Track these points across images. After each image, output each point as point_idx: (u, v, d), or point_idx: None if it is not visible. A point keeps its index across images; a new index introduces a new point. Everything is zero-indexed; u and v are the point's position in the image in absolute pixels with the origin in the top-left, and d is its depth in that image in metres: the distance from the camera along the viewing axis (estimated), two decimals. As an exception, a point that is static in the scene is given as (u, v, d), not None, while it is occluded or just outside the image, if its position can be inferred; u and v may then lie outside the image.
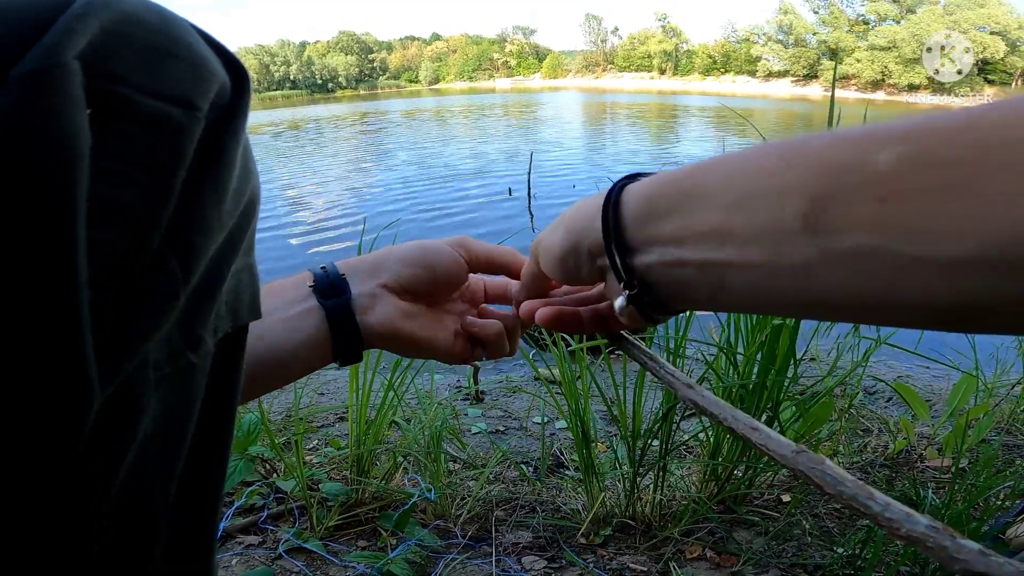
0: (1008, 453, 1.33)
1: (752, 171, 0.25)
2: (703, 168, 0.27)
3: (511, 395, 1.77)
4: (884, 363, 2.14)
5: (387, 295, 0.44)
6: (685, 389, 0.41)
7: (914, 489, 1.02)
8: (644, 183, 0.30)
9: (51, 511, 0.19)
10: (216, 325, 0.25)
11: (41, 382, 0.18)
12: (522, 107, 31.56)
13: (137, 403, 0.21)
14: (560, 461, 1.27)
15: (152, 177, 0.21)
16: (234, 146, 0.24)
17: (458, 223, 6.48)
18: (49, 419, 0.18)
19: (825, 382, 1.07)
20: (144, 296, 0.21)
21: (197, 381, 0.24)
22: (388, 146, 14.54)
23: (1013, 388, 1.57)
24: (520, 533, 0.99)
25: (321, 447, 1.33)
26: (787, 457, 0.32)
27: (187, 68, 0.23)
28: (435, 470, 1.08)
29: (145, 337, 0.21)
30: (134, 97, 0.21)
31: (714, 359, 0.95)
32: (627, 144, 14.65)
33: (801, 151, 0.23)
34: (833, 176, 0.22)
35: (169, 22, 0.23)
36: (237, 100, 0.25)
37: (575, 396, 0.93)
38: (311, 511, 1.00)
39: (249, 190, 0.26)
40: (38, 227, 0.18)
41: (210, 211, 0.23)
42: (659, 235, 0.28)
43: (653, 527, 0.97)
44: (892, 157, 0.20)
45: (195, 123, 0.22)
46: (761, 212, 0.24)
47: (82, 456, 0.19)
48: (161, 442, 0.23)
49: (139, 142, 0.21)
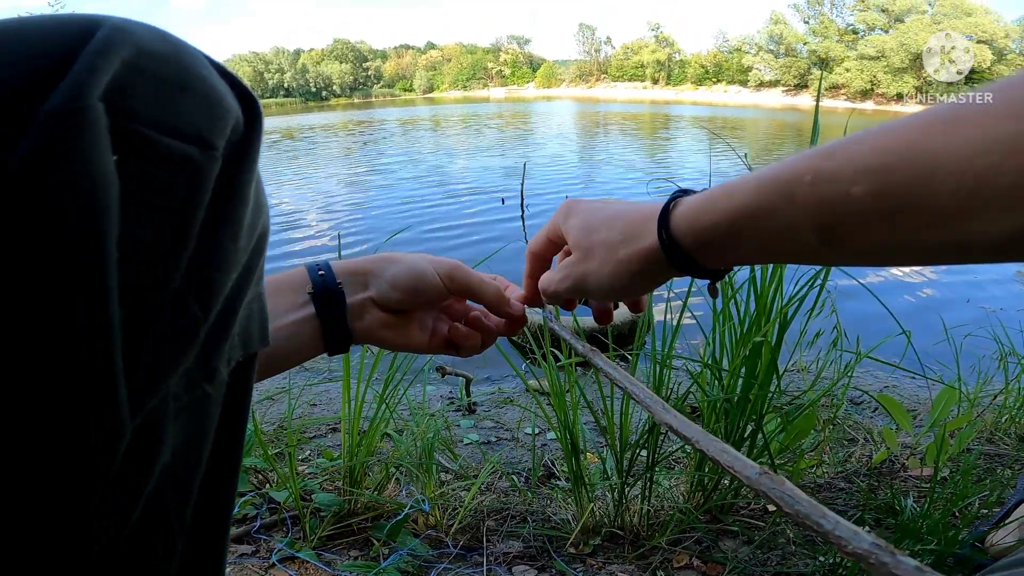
0: (990, 462, 1.35)
1: (770, 214, 0.32)
2: (736, 211, 0.33)
3: (503, 407, 1.79)
4: (870, 373, 2.17)
5: (373, 308, 0.49)
6: (661, 412, 0.43)
7: (893, 498, 1.04)
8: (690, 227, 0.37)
9: (79, 534, 0.21)
10: (229, 355, 0.26)
11: (78, 419, 0.19)
12: (516, 117, 31.64)
13: (159, 433, 0.22)
14: (551, 471, 1.28)
15: (172, 219, 0.22)
16: (248, 183, 0.25)
17: (453, 234, 6.47)
18: (86, 452, 0.20)
19: (809, 394, 1.10)
20: (167, 334, 0.22)
21: (212, 410, 0.25)
22: (385, 159, 14.53)
23: (995, 398, 1.60)
24: (511, 543, 1.01)
25: (313, 458, 1.34)
26: (751, 478, 0.34)
27: (203, 104, 0.23)
28: (427, 481, 1.09)
29: (168, 372, 0.22)
30: (152, 136, 0.21)
31: (699, 373, 0.97)
32: (620, 154, 14.70)
33: (798, 190, 0.30)
34: (827, 210, 0.29)
35: (183, 54, 0.23)
36: (250, 134, 0.25)
37: (564, 408, 0.95)
38: (304, 521, 1.02)
39: (261, 224, 0.27)
40: (73, 277, 0.19)
41: (227, 249, 0.24)
42: (718, 261, 0.37)
43: (641, 537, 0.99)
44: (863, 191, 0.27)
45: (212, 163, 0.23)
46: (789, 240, 0.32)
47: (111, 484, 0.21)
48: (179, 468, 0.24)
49: (158, 183, 0.21)
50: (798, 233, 0.31)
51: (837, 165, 0.28)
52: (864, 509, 1.06)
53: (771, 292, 0.82)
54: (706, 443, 0.39)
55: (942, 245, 0.26)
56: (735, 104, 54.39)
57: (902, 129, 0.27)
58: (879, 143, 0.27)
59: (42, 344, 0.18)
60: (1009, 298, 3.81)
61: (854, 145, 0.28)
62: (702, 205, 0.36)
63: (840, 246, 0.30)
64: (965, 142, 0.24)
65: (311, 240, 6.60)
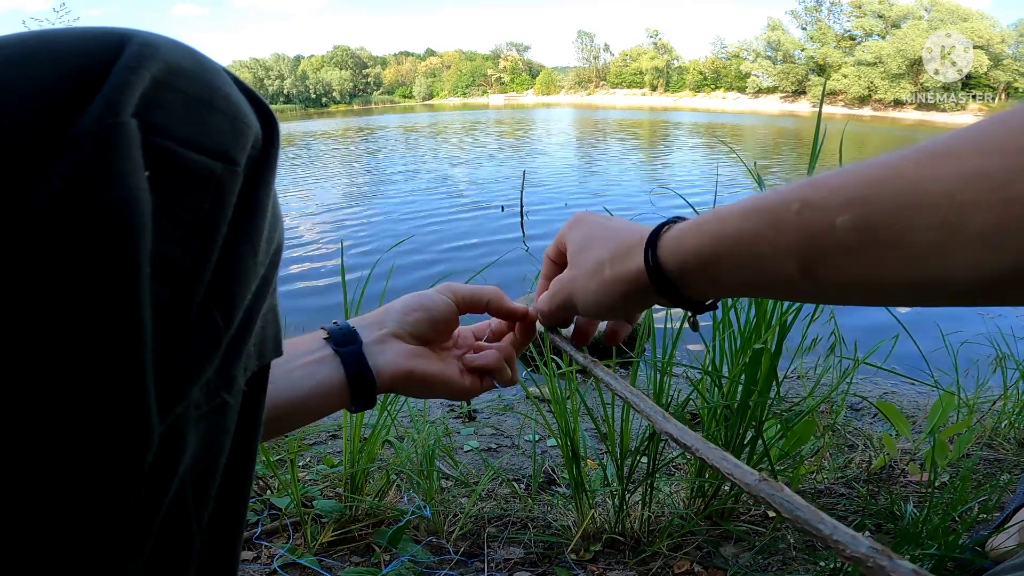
0: (990, 467, 1.36)
1: (753, 241, 0.32)
2: (720, 236, 0.34)
3: (503, 413, 1.79)
4: (870, 379, 2.18)
5: (394, 340, 0.49)
6: (662, 421, 0.43)
7: (891, 503, 1.05)
8: (673, 251, 0.37)
9: (106, 537, 0.21)
10: (246, 365, 0.26)
11: (111, 427, 0.20)
12: (516, 124, 31.73)
13: (182, 440, 0.23)
14: (551, 478, 1.29)
15: (197, 233, 0.22)
16: (266, 197, 0.26)
17: (455, 244, 6.48)
18: (117, 458, 0.20)
19: (808, 401, 1.10)
20: (193, 344, 0.22)
21: (230, 417, 0.26)
22: (386, 166, 14.55)
23: (995, 404, 1.60)
24: (512, 549, 1.01)
25: (313, 464, 1.34)
26: (750, 484, 0.35)
27: (226, 121, 0.24)
28: (428, 487, 1.10)
29: (193, 382, 0.23)
30: (179, 151, 0.22)
31: (699, 380, 0.98)
32: (619, 161, 14.74)
33: (784, 217, 0.30)
34: (811, 241, 0.29)
35: (206, 70, 0.24)
36: (268, 149, 0.26)
37: (565, 416, 0.95)
38: (305, 527, 1.02)
39: (277, 237, 0.28)
40: (109, 293, 0.19)
41: (247, 262, 0.25)
42: (701, 289, 0.37)
43: (642, 543, 0.99)
44: (847, 222, 0.27)
45: (234, 178, 0.24)
46: (771, 270, 0.31)
47: (139, 494, 0.21)
48: (198, 474, 0.25)
49: (185, 198, 0.22)
50: (780, 263, 0.30)
51: (824, 195, 0.28)
52: (864, 514, 1.06)
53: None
54: (705, 451, 0.39)
55: (923, 282, 0.26)
56: (733, 111, 54.60)
57: (890, 162, 0.27)
58: (866, 175, 0.27)
59: (79, 355, 0.19)
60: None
61: (841, 176, 0.28)
62: (689, 228, 0.36)
63: (822, 280, 0.29)
64: (949, 176, 0.24)
65: (315, 246, 6.62)
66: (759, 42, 64.88)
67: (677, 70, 78.38)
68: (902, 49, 48.85)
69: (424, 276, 4.77)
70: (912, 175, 0.25)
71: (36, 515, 0.20)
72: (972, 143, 0.24)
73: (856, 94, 51.92)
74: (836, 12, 61.69)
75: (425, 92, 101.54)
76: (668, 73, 78.32)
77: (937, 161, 0.25)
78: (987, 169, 0.23)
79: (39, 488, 0.20)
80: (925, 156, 0.25)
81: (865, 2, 57.83)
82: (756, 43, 65.50)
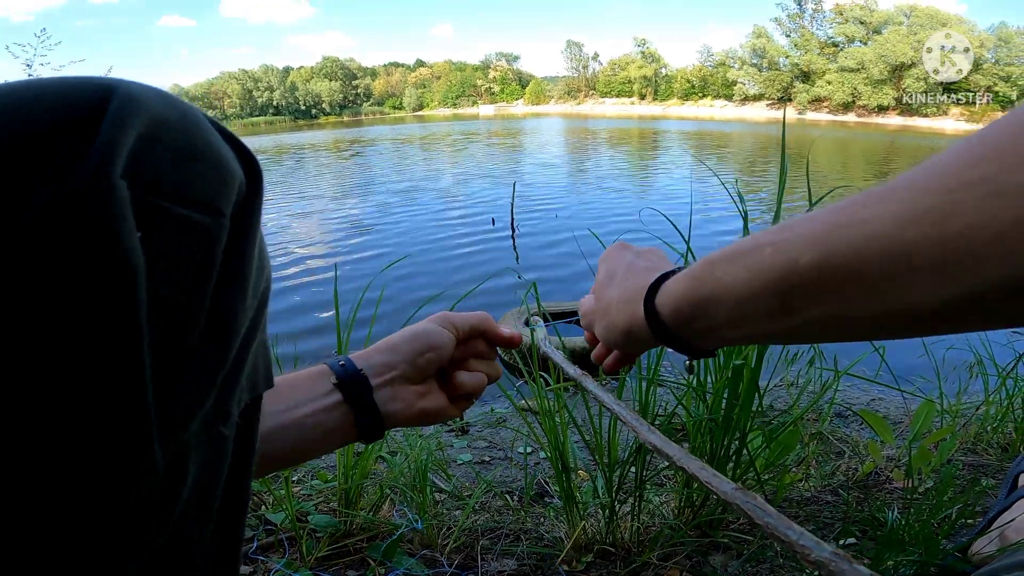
0: (973, 472, 1.38)
1: (733, 284, 0.34)
2: (704, 280, 0.37)
3: (495, 427, 1.80)
4: (857, 387, 2.20)
5: (404, 385, 0.51)
6: (646, 433, 0.45)
7: (875, 510, 1.07)
8: (668, 297, 0.40)
9: (117, 560, 0.23)
10: (239, 398, 0.28)
11: (120, 466, 0.22)
12: (506, 134, 31.79)
13: (183, 471, 0.25)
14: (543, 490, 1.30)
15: (188, 283, 0.23)
16: (252, 244, 0.27)
17: (449, 255, 6.49)
18: (123, 491, 0.22)
19: (793, 410, 1.13)
20: (190, 383, 0.24)
21: (227, 446, 0.27)
22: (377, 180, 14.53)
23: (978, 410, 1.63)
24: (505, 561, 1.02)
25: (307, 480, 1.35)
26: (727, 493, 0.37)
27: (211, 171, 0.24)
28: (421, 501, 1.11)
29: (192, 417, 0.24)
30: (168, 207, 0.22)
31: (684, 394, 1.00)
32: (609, 173, 14.81)
33: (759, 259, 0.33)
34: (781, 280, 0.31)
35: (190, 120, 0.24)
36: (252, 196, 0.27)
37: (554, 429, 0.97)
38: (301, 542, 1.03)
39: (264, 279, 0.29)
40: (111, 345, 0.20)
41: (237, 307, 0.26)
42: (692, 330, 0.39)
43: (632, 553, 1.01)
44: (808, 261, 0.29)
45: (221, 230, 0.25)
46: (751, 308, 0.34)
47: (145, 517, 0.23)
48: (200, 493, 0.26)
49: (175, 252, 0.23)
50: (759, 303, 0.33)
51: (791, 237, 0.30)
52: (849, 521, 1.09)
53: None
54: (686, 461, 0.42)
55: (886, 315, 0.27)
56: (721, 118, 54.99)
57: (848, 204, 0.29)
58: (826, 218, 0.29)
59: (91, 401, 0.21)
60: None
61: (807, 220, 0.30)
62: (683, 276, 0.39)
63: (797, 316, 0.31)
64: (893, 213, 0.26)
65: (309, 261, 6.60)
66: (744, 50, 65.52)
67: (665, 78, 78.93)
68: (884, 55, 49.36)
69: (412, 291, 4.78)
70: (862, 215, 0.27)
71: (41, 532, 0.21)
72: (913, 184, 0.26)
73: (840, 100, 52.40)
74: (819, 19, 62.46)
75: (415, 103, 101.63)
76: (656, 82, 78.85)
77: (883, 202, 0.27)
78: (924, 207, 0.25)
79: (44, 501, 0.21)
80: (874, 198, 0.27)
81: (847, 8, 58.58)
82: (741, 51, 66.14)
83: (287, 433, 0.43)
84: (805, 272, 0.29)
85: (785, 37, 63.28)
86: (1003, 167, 0.23)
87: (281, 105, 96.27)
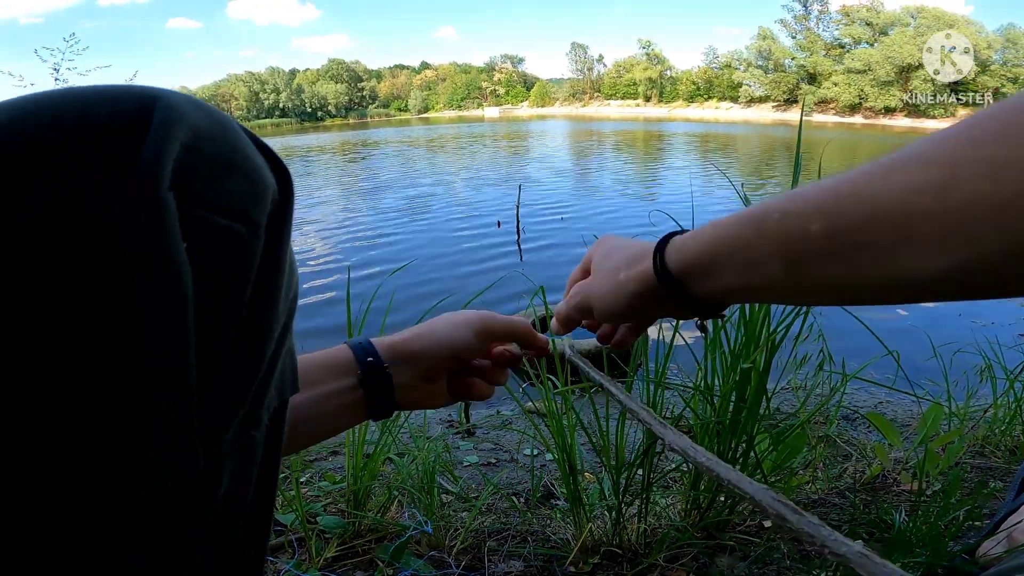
0: (981, 475, 1.38)
1: (743, 246, 0.36)
2: (715, 241, 0.38)
3: (501, 429, 1.81)
4: (864, 389, 2.20)
5: (424, 382, 0.53)
6: (673, 437, 0.46)
7: (883, 512, 1.07)
8: (677, 254, 0.41)
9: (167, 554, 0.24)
10: (269, 404, 0.29)
11: (167, 473, 0.22)
12: (511, 137, 31.80)
13: (218, 474, 0.25)
14: (549, 492, 1.30)
15: (226, 293, 0.24)
16: (285, 253, 0.27)
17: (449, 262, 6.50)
18: (167, 491, 0.23)
19: (800, 413, 1.13)
20: (227, 391, 0.25)
21: (257, 451, 0.28)
22: (384, 183, 14.56)
23: (986, 413, 1.63)
24: (512, 563, 1.03)
25: (315, 481, 1.36)
26: (758, 493, 0.37)
27: (247, 182, 0.25)
28: (429, 503, 1.12)
29: (229, 423, 0.25)
30: (209, 217, 0.23)
31: (691, 397, 1.00)
32: (615, 176, 14.80)
33: (768, 225, 0.34)
34: (790, 244, 0.32)
35: (227, 130, 0.25)
36: (284, 205, 0.27)
37: (561, 431, 0.98)
38: (310, 543, 1.04)
39: (293, 287, 0.29)
40: (161, 357, 0.21)
41: (271, 314, 0.26)
42: (701, 290, 0.40)
43: (639, 554, 1.01)
44: (819, 228, 0.30)
45: (257, 239, 0.25)
46: (759, 271, 0.35)
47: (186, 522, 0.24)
48: (233, 490, 0.27)
49: (214, 262, 0.23)
50: (766, 264, 0.34)
51: (800, 205, 0.32)
52: (856, 523, 1.09)
53: (760, 320, 0.86)
54: (714, 465, 0.42)
55: (889, 281, 0.29)
56: (726, 120, 54.84)
57: (856, 175, 0.30)
58: (835, 188, 0.30)
59: (142, 405, 0.21)
60: (1000, 313, 3.85)
61: (816, 188, 0.32)
62: (691, 235, 0.40)
63: (803, 279, 0.33)
64: (899, 187, 0.27)
65: (321, 263, 6.62)
66: (750, 52, 65.31)
67: (670, 80, 78.77)
68: (891, 56, 49.07)
69: (419, 290, 4.80)
70: (871, 186, 0.29)
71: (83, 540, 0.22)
72: (918, 157, 0.27)
73: (847, 102, 52.19)
74: (825, 20, 62.26)
75: (420, 105, 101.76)
76: (661, 83, 78.71)
77: (891, 173, 0.28)
78: (929, 180, 0.26)
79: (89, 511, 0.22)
80: (883, 168, 0.29)
81: (853, 10, 58.35)
82: (747, 53, 65.94)
83: (307, 418, 0.45)
84: (815, 238, 0.31)
85: (791, 39, 63.13)
86: (1004, 145, 0.24)
87: (287, 107, 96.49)
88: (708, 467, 0.40)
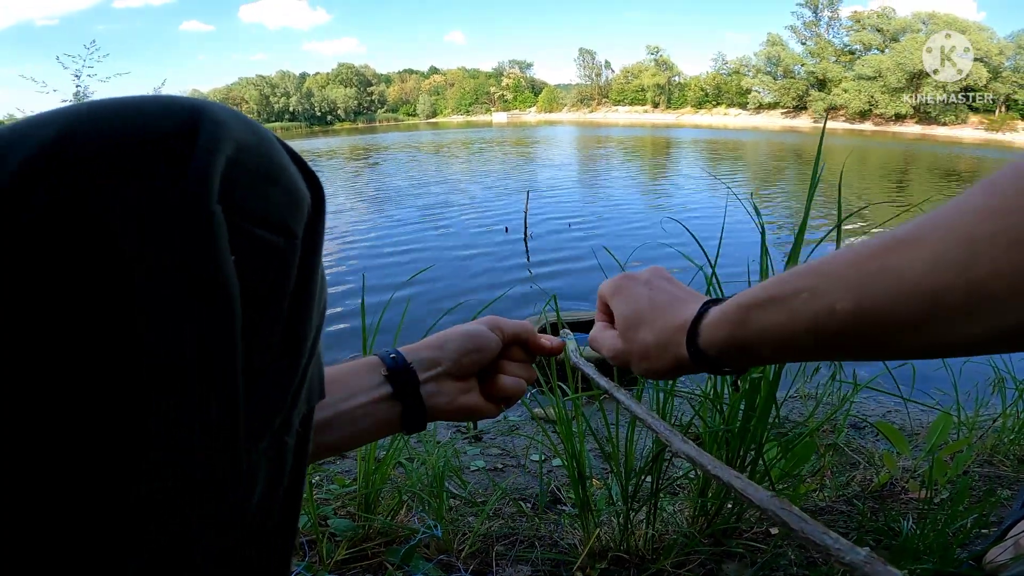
0: (989, 484, 1.38)
1: (774, 328, 0.37)
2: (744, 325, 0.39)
3: (508, 435, 1.82)
4: (874, 398, 2.20)
5: (448, 380, 0.53)
6: (680, 444, 0.47)
7: (890, 520, 1.07)
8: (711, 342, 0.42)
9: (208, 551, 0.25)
10: (300, 410, 0.30)
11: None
12: (519, 143, 31.86)
13: (254, 478, 0.26)
14: (557, 497, 1.31)
15: (266, 303, 0.24)
16: (318, 264, 0.28)
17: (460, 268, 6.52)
18: (213, 494, 0.24)
19: (809, 422, 1.13)
20: (267, 399, 0.26)
21: (288, 457, 0.29)
22: (394, 190, 14.60)
23: (995, 422, 1.62)
24: (520, 567, 1.03)
25: (324, 484, 1.37)
26: (763, 501, 0.38)
27: (285, 194, 0.25)
28: (438, 507, 1.13)
29: (268, 429, 0.26)
30: (251, 229, 0.23)
31: (699, 405, 1.01)
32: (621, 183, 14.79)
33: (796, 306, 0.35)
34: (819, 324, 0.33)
35: (265, 143, 0.25)
36: (317, 216, 0.28)
37: (570, 437, 0.99)
38: (320, 545, 1.05)
39: (324, 295, 0.30)
40: (211, 369, 0.22)
41: (307, 324, 0.27)
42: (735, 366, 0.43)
43: (646, 560, 1.01)
44: (847, 307, 0.31)
45: (294, 251, 0.26)
46: (791, 346, 0.36)
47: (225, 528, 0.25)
48: (264, 493, 0.28)
49: (256, 273, 0.24)
50: (798, 339, 0.35)
51: (825, 284, 0.33)
52: (864, 531, 1.09)
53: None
54: (721, 472, 0.43)
55: (922, 348, 0.30)
56: (735, 127, 54.71)
57: (878, 248, 0.31)
58: (858, 263, 0.31)
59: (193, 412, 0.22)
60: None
61: (842, 264, 0.32)
62: (720, 322, 0.41)
63: (837, 350, 0.35)
64: (922, 263, 0.28)
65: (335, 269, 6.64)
66: (759, 58, 65.12)
67: (679, 86, 78.63)
68: (901, 63, 48.74)
69: (432, 297, 4.83)
70: (894, 263, 0.29)
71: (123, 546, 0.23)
72: (937, 231, 0.28)
73: (857, 108, 51.85)
74: (835, 26, 62.03)
75: (429, 110, 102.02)
76: (670, 90, 78.57)
77: (911, 250, 0.29)
78: (950, 258, 0.27)
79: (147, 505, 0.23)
80: (903, 244, 0.29)
81: (864, 16, 58.09)
82: (756, 59, 65.75)
83: (341, 421, 0.46)
84: (843, 317, 0.32)
85: (800, 45, 62.86)
86: (1019, 220, 0.25)
87: (297, 111, 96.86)
88: (715, 474, 0.41)
